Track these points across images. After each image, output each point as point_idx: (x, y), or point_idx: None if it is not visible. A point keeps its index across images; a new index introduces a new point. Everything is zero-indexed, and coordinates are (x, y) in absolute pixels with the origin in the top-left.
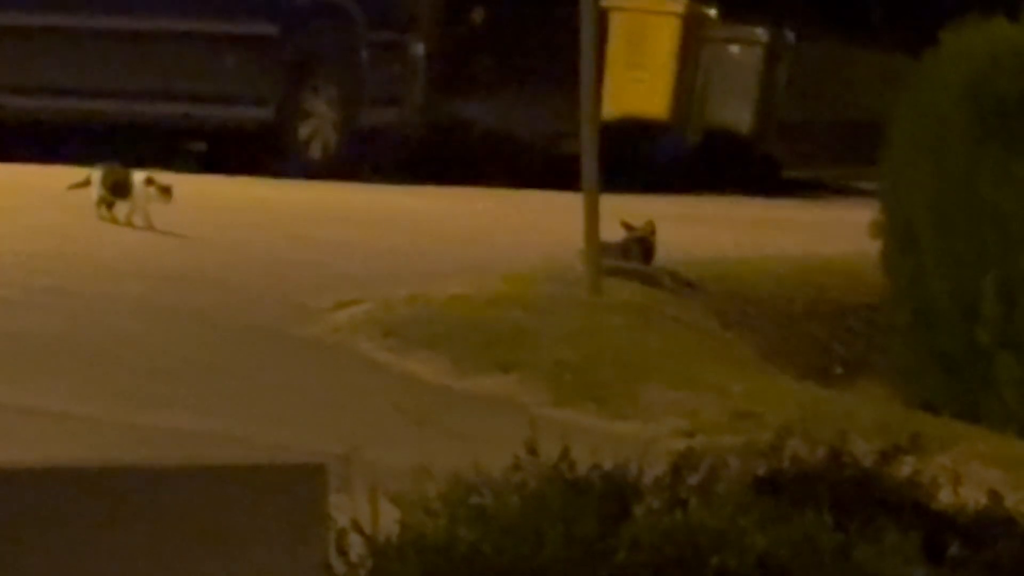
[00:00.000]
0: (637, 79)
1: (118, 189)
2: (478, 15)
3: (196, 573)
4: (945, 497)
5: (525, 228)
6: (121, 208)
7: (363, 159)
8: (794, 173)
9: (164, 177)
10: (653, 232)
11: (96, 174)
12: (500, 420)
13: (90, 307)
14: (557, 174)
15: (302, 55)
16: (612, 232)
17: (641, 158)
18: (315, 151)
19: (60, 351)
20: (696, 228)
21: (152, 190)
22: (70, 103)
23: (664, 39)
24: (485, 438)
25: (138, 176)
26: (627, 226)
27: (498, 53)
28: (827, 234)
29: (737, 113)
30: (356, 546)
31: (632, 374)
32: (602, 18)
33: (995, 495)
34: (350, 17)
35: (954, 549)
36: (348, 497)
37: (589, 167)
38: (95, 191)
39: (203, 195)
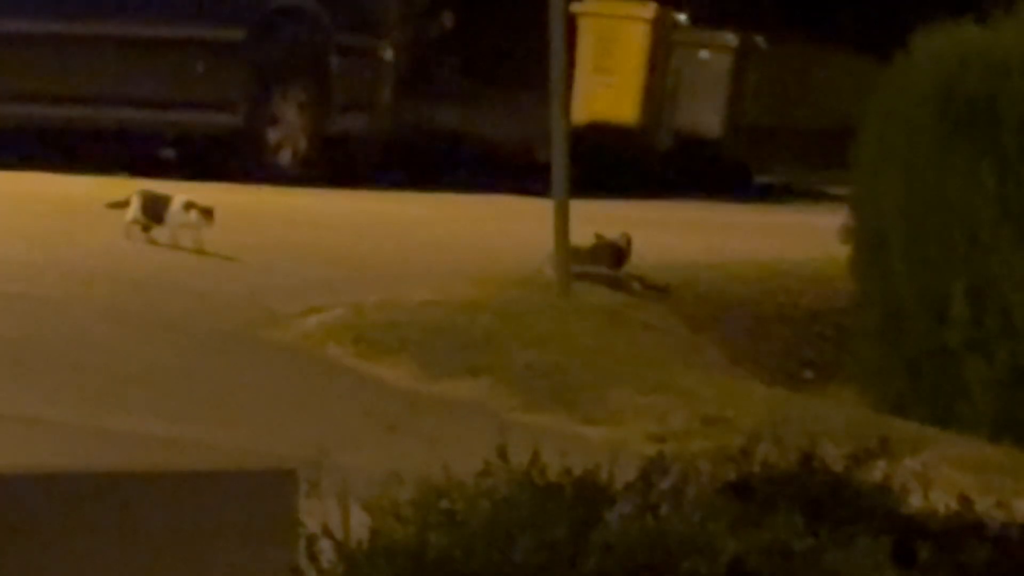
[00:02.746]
0: (606, 84)
1: (156, 213)
2: (447, 20)
3: None
4: (915, 501)
5: (495, 232)
6: (160, 232)
7: (332, 164)
8: (764, 178)
9: (201, 196)
10: (628, 243)
11: (136, 198)
12: (470, 425)
13: (59, 312)
14: (527, 178)
15: (271, 60)
16: (582, 237)
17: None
18: (284, 156)
19: (29, 356)
20: (666, 233)
21: (194, 214)
22: (38, 109)
23: (633, 44)
24: (455, 443)
25: (178, 200)
26: (599, 238)
27: (468, 58)
28: (797, 238)
29: (707, 118)
30: (326, 552)
31: (602, 379)
32: (571, 23)
33: (965, 499)
34: (319, 22)
35: (924, 553)
36: (318, 502)
37: (559, 172)
38: (131, 214)
39: None
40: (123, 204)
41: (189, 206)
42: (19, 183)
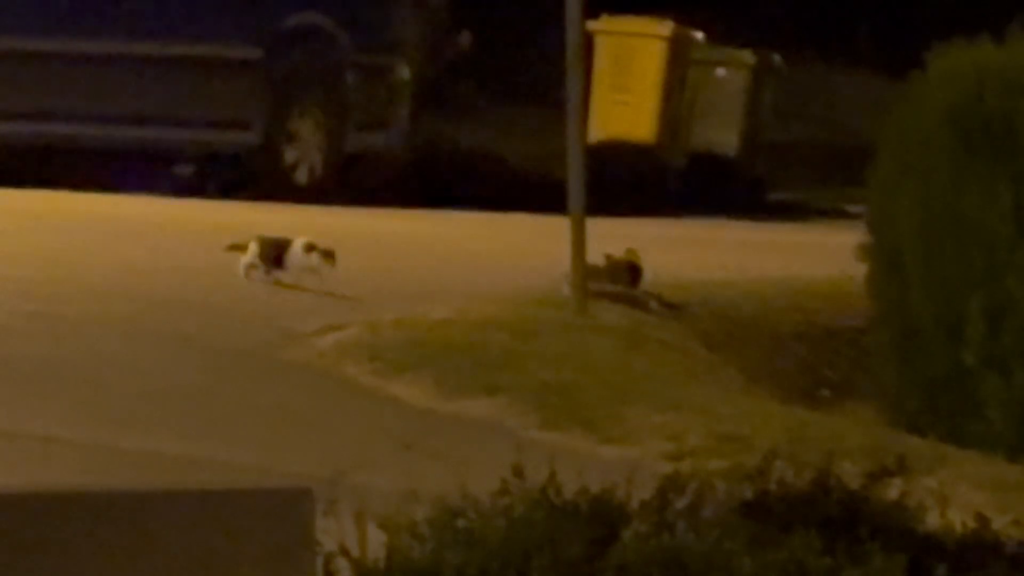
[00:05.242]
0: (623, 102)
1: (276, 257)
2: (464, 39)
3: None
4: (932, 519)
5: (511, 251)
6: (282, 276)
7: (349, 182)
8: (780, 195)
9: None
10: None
11: (254, 244)
12: (486, 443)
13: (76, 331)
14: (544, 197)
15: (288, 79)
16: (599, 255)
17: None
18: (301, 175)
19: (46, 375)
20: (682, 251)
21: (315, 256)
22: (55, 127)
23: (650, 62)
24: (471, 462)
25: (298, 243)
26: (609, 257)
27: (484, 76)
28: (813, 256)
29: (723, 136)
30: (343, 570)
31: (618, 397)
32: (588, 41)
33: (982, 518)
34: (336, 41)
35: (941, 572)
36: (335, 521)
37: (575, 190)
38: (248, 258)
39: (190, 219)
40: (242, 248)
41: (310, 248)
42: (35, 201)
